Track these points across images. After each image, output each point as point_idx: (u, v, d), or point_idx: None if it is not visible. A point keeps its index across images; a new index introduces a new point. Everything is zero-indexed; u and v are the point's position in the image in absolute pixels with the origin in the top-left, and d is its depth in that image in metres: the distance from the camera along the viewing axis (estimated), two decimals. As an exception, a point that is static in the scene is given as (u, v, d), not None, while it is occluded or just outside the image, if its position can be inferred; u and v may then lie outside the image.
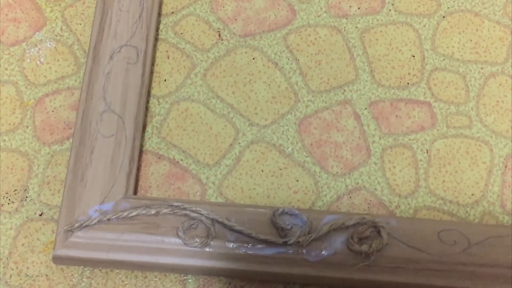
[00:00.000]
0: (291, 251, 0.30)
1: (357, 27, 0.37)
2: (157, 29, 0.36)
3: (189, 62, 0.36)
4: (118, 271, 0.31)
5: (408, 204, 0.33)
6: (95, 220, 0.30)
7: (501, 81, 0.36)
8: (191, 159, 0.34)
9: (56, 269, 0.31)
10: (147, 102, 0.35)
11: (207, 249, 0.30)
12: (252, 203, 0.33)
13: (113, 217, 0.30)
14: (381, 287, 0.30)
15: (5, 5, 0.36)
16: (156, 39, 0.36)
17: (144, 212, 0.30)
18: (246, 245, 0.30)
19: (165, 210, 0.30)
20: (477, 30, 0.37)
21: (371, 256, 0.29)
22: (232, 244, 0.30)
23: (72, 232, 0.30)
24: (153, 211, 0.30)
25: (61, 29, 0.36)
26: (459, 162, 0.34)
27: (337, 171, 0.34)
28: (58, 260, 0.30)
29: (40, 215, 0.32)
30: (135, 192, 0.33)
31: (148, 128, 0.34)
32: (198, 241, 0.30)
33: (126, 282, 0.31)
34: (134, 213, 0.30)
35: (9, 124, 0.34)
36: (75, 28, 0.36)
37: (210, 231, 0.30)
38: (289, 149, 0.34)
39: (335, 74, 0.36)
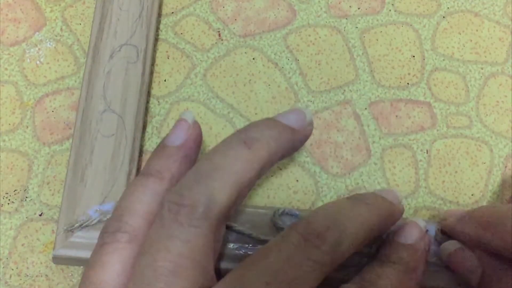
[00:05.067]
0: (291, 251, 0.30)
1: (357, 27, 0.37)
2: (157, 29, 0.36)
3: (189, 62, 0.36)
4: (118, 271, 0.31)
5: (408, 204, 0.33)
6: (95, 220, 0.30)
7: (501, 81, 0.36)
8: (191, 159, 0.34)
9: (56, 269, 0.31)
10: (147, 102, 0.35)
11: (207, 249, 0.30)
12: (252, 203, 0.33)
13: (113, 217, 0.30)
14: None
15: (5, 5, 0.36)
16: (156, 39, 0.36)
17: (144, 212, 0.30)
18: (247, 245, 0.30)
19: (165, 210, 0.30)
20: (477, 30, 0.37)
21: (371, 256, 0.29)
22: (232, 244, 0.30)
23: (72, 232, 0.30)
24: (153, 211, 0.30)
25: (61, 29, 0.36)
26: (459, 162, 0.34)
27: (337, 171, 0.34)
28: (58, 260, 0.30)
29: (40, 215, 0.32)
30: (135, 192, 0.32)
31: (148, 128, 0.34)
32: (198, 241, 0.30)
33: (126, 282, 0.31)
34: (134, 213, 0.30)
35: (9, 124, 0.34)
36: (75, 28, 0.36)
37: (210, 231, 0.30)
38: (289, 149, 0.34)
39: (335, 74, 0.36)
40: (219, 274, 0.31)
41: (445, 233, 0.30)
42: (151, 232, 0.23)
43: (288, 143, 0.26)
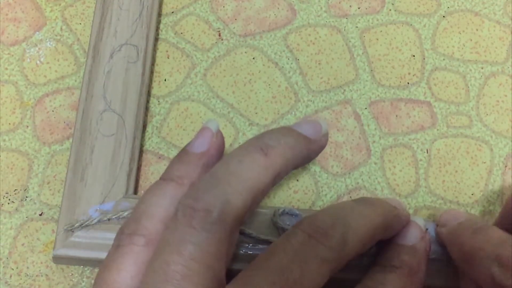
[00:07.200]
0: (291, 251, 0.30)
1: (357, 27, 0.37)
2: (157, 28, 0.36)
3: (189, 62, 0.36)
4: (118, 271, 0.31)
5: (408, 204, 0.33)
6: (96, 220, 0.30)
7: (501, 81, 0.36)
8: (191, 159, 0.33)
9: (56, 269, 0.31)
10: (147, 102, 0.35)
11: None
12: (252, 203, 0.33)
13: (114, 216, 0.30)
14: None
15: (5, 5, 0.36)
16: (156, 39, 0.36)
17: (144, 211, 0.30)
18: (247, 245, 0.30)
19: (165, 210, 0.30)
20: (477, 30, 0.37)
21: (371, 256, 0.29)
22: (232, 244, 0.30)
23: (72, 232, 0.30)
24: (153, 211, 0.30)
25: (61, 29, 0.36)
26: (459, 162, 0.34)
27: (337, 171, 0.34)
28: (58, 260, 0.30)
29: (40, 215, 0.32)
30: (136, 192, 0.33)
31: (148, 128, 0.34)
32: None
33: (126, 282, 0.31)
34: (134, 213, 0.30)
35: (9, 124, 0.34)
36: (75, 28, 0.36)
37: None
38: (289, 149, 0.34)
39: (335, 74, 0.36)
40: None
41: None
42: (164, 235, 0.23)
43: (303, 152, 0.26)
